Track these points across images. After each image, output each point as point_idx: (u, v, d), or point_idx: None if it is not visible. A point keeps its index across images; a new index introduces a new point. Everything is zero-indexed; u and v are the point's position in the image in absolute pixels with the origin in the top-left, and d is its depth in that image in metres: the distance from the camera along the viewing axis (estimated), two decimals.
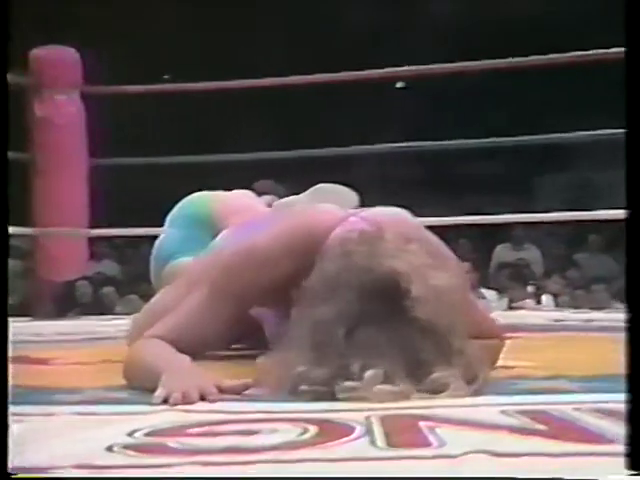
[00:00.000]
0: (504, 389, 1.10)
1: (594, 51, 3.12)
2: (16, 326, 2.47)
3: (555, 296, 4.42)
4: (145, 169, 4.50)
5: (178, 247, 1.68)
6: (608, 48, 2.95)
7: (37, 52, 3.33)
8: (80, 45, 3.40)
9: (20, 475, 0.74)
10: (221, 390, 1.08)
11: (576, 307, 3.80)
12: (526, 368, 1.27)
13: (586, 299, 4.39)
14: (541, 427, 0.85)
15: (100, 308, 5.01)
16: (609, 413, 0.91)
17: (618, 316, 2.81)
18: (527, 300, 3.87)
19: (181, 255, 1.66)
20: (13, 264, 5.33)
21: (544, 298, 4.34)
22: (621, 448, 0.76)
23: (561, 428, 0.84)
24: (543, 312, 3.21)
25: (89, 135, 3.41)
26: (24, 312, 3.41)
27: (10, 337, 0.95)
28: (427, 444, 0.80)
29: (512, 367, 1.28)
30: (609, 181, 7.07)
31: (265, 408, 1.01)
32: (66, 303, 5.09)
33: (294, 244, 1.25)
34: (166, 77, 8.26)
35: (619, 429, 0.83)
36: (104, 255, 6.83)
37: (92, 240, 3.98)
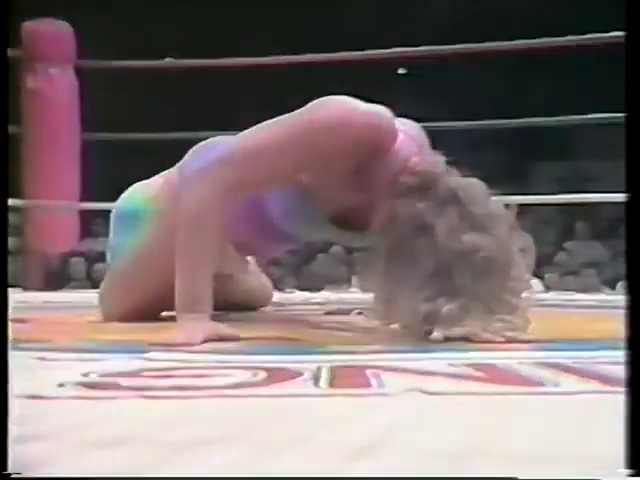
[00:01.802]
0: (460, 346, 1.12)
1: (589, 35, 3.12)
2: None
3: (542, 279, 4.45)
4: (141, 145, 4.52)
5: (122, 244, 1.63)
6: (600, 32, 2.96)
7: (30, 25, 3.33)
8: (76, 20, 3.41)
9: (20, 475, 0.76)
10: (217, 337, 1.19)
11: (565, 290, 3.83)
12: None
13: (576, 283, 4.42)
14: (478, 374, 0.88)
15: (94, 284, 5.05)
16: (551, 365, 0.94)
17: (602, 297, 2.85)
18: None
19: None
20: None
21: (533, 282, 4.36)
22: (548, 389, 0.79)
23: (497, 375, 0.87)
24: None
25: (82, 110, 3.43)
26: (15, 284, 3.43)
27: None
28: (367, 386, 0.83)
29: None
30: (604, 169, 7.08)
31: (227, 359, 1.04)
32: (60, 278, 5.12)
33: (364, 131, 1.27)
34: (169, 59, 8.24)
35: (554, 377, 0.86)
36: (100, 233, 6.86)
37: (87, 217, 4.00)
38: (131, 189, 1.75)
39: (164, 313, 1.65)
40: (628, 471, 0.51)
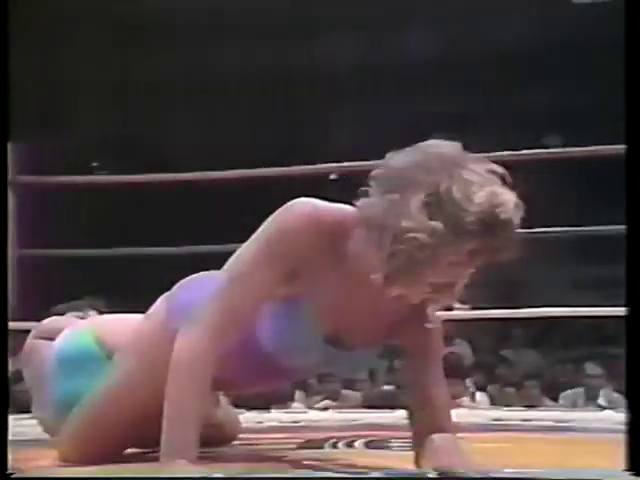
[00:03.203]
0: None
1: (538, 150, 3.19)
2: None
3: (486, 392, 4.45)
4: (72, 261, 4.41)
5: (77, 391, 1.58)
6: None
7: None
8: (13, 135, 3.35)
9: (20, 475, 0.66)
10: None
11: (508, 405, 3.82)
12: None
13: (517, 396, 4.42)
14: None
15: (14, 407, 4.71)
16: None
17: (551, 415, 2.84)
18: (464, 397, 3.87)
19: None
20: None
21: (478, 395, 4.35)
22: None
23: None
24: (480, 410, 3.20)
25: (18, 226, 3.33)
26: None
27: None
28: None
29: None
30: (533, 275, 7.26)
31: None
32: None
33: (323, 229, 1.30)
34: (95, 164, 8.23)
35: None
36: (17, 350, 6.55)
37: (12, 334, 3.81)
38: (77, 330, 1.71)
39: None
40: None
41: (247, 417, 2.65)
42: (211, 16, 6.78)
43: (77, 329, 1.72)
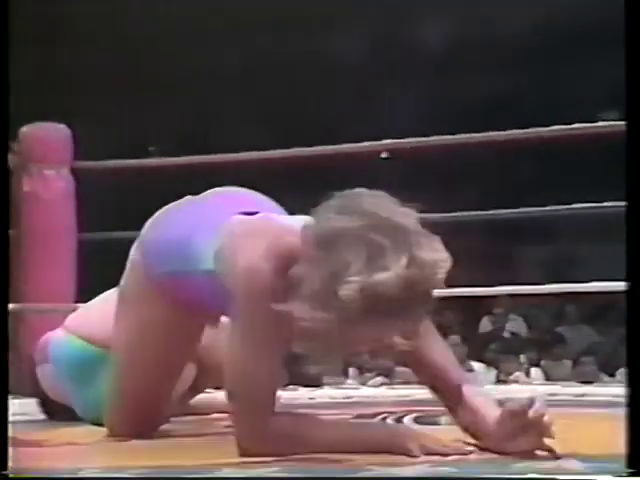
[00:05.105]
0: (516, 469, 1.08)
1: (575, 125, 3.15)
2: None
3: (540, 367, 4.43)
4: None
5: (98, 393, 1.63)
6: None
7: (26, 129, 3.35)
8: (72, 122, 3.42)
9: (20, 475, 0.70)
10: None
11: (565, 380, 3.79)
12: None
13: (574, 372, 4.39)
14: None
15: None
16: None
17: (608, 390, 2.81)
18: (518, 373, 3.85)
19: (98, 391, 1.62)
20: None
21: (533, 371, 4.32)
22: None
23: None
24: (535, 386, 3.19)
25: (79, 210, 3.41)
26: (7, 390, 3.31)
27: None
28: None
29: None
30: (588, 254, 7.15)
31: None
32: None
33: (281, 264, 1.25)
34: (151, 149, 8.31)
35: None
36: None
37: None
38: (61, 343, 1.76)
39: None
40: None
41: (299, 394, 2.70)
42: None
43: (60, 342, 1.76)
